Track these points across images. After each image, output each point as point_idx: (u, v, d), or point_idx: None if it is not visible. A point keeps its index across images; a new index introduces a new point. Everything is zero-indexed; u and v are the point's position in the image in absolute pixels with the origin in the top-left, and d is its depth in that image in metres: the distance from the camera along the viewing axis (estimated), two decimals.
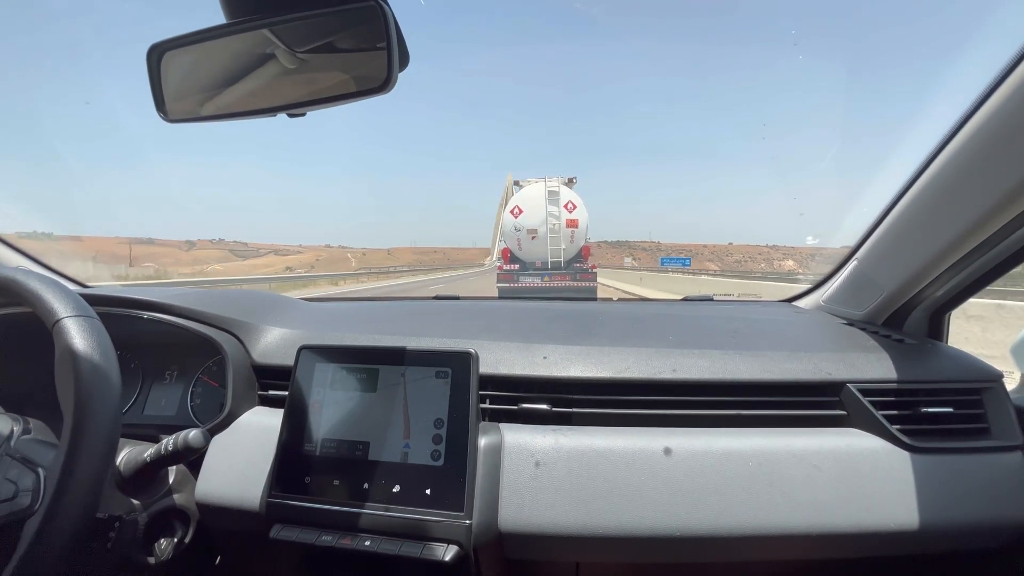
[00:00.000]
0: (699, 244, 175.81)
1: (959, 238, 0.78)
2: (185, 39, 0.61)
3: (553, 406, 0.82)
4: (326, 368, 0.82)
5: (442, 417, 0.76)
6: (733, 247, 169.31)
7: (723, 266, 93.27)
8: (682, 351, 0.87)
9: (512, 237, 11.85)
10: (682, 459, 0.74)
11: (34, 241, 1.56)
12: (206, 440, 0.74)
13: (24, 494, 0.58)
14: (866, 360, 0.85)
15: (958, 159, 0.74)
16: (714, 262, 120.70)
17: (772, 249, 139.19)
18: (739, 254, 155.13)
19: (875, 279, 1.00)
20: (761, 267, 35.94)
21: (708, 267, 26.42)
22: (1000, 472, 0.75)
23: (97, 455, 0.56)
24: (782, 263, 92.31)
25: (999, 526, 0.74)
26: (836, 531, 0.71)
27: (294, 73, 0.62)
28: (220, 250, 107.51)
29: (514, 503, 0.73)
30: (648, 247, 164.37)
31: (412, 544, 0.69)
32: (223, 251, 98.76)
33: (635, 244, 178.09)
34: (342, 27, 0.59)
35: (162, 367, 1.03)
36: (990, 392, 0.82)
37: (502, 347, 0.89)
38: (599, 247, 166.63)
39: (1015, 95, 0.64)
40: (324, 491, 0.75)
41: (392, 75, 0.55)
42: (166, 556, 0.77)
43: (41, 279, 0.65)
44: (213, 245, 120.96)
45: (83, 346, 0.59)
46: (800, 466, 0.74)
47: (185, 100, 0.65)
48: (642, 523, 0.71)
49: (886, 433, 0.77)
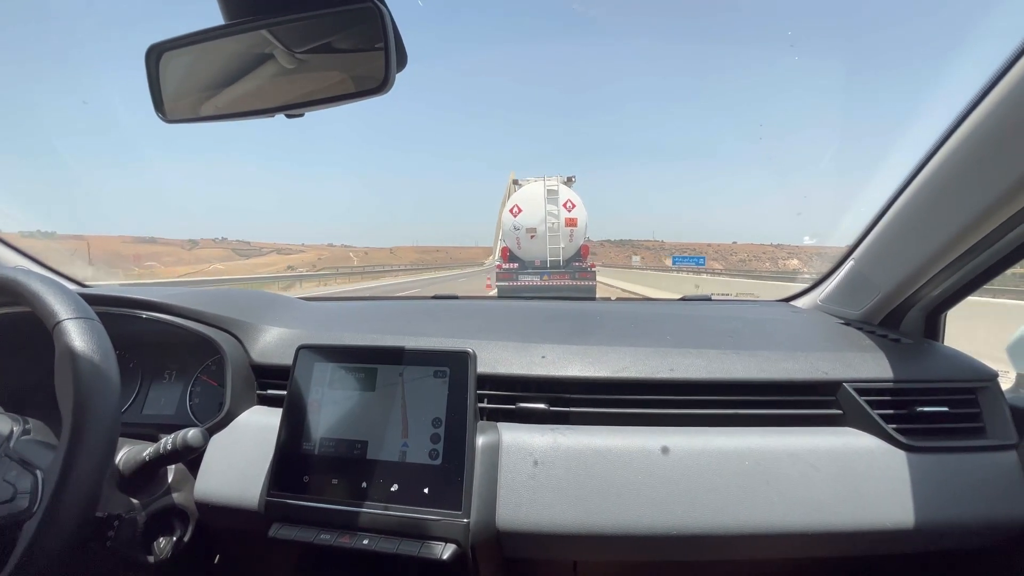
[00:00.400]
0: (703, 243, 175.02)
1: (955, 238, 0.78)
2: (184, 40, 0.62)
3: (550, 405, 0.83)
4: (324, 367, 0.82)
5: (440, 416, 0.76)
6: (737, 246, 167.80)
7: (728, 265, 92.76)
8: (679, 351, 0.87)
9: (511, 236, 11.82)
10: (679, 458, 0.75)
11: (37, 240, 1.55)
12: (205, 439, 0.74)
13: (22, 496, 0.58)
14: (862, 359, 0.85)
15: (954, 159, 0.75)
16: (719, 261, 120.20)
17: (777, 248, 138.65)
18: (744, 253, 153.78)
19: (872, 279, 1.00)
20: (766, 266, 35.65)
21: (713, 266, 26.39)
22: (995, 471, 0.76)
23: (95, 459, 0.56)
24: (787, 262, 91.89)
25: (994, 525, 0.74)
26: (832, 530, 0.71)
27: (292, 73, 0.62)
28: (223, 249, 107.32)
29: (512, 502, 0.73)
30: (652, 246, 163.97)
31: (410, 543, 0.70)
32: (226, 250, 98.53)
33: (639, 243, 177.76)
34: (340, 28, 0.59)
35: (161, 366, 1.03)
36: (985, 391, 0.82)
37: (500, 347, 0.89)
38: (603, 246, 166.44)
39: (1010, 95, 0.64)
40: (323, 490, 0.75)
41: (390, 76, 0.55)
42: (165, 555, 0.77)
43: (42, 279, 0.65)
44: (216, 244, 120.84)
45: (83, 348, 0.59)
46: (796, 465, 0.74)
47: (183, 100, 0.66)
48: (639, 522, 0.71)
49: (882, 432, 0.78)
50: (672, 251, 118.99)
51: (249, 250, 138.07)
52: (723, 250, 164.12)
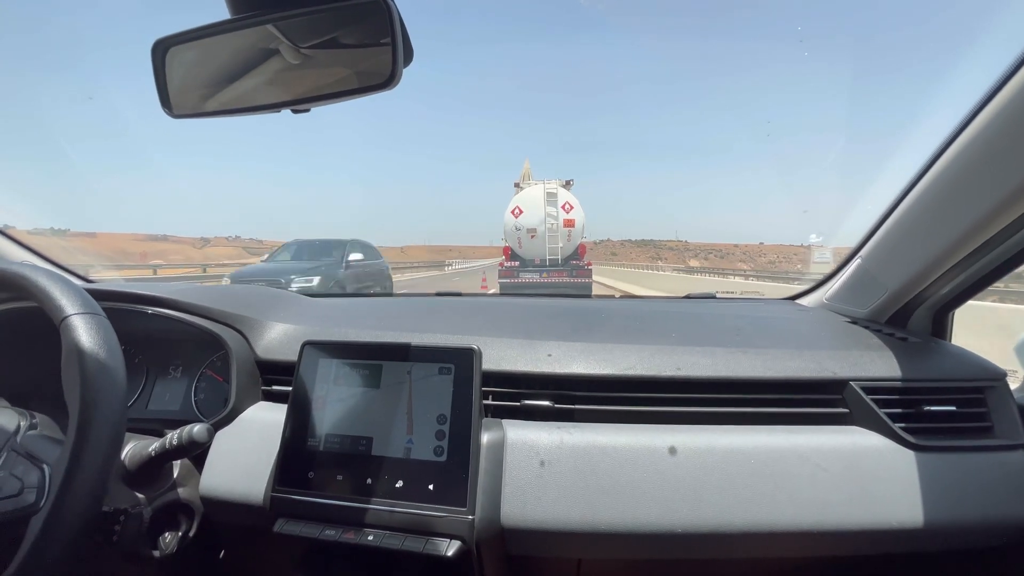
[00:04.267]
0: (730, 244, 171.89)
1: (963, 237, 0.78)
2: (189, 34, 0.61)
3: (556, 403, 0.82)
4: (329, 364, 0.82)
5: (445, 413, 0.76)
6: (765, 247, 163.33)
7: (756, 266, 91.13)
8: (685, 348, 0.87)
9: (513, 236, 12.65)
10: (685, 456, 0.74)
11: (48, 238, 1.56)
12: (210, 435, 0.75)
13: (29, 491, 0.58)
14: (869, 358, 0.85)
15: (963, 157, 0.74)
16: (746, 262, 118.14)
17: (808, 249, 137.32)
18: (773, 254, 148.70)
19: (878, 277, 0.99)
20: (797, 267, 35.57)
21: (739, 267, 26.18)
22: (1003, 471, 0.75)
23: (102, 454, 0.56)
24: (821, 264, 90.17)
25: (1002, 524, 0.73)
26: (838, 528, 0.71)
27: (298, 69, 0.62)
28: (234, 247, 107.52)
29: (517, 499, 0.73)
30: (675, 246, 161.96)
31: (415, 539, 0.70)
32: (237, 248, 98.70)
33: (661, 243, 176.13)
34: (346, 22, 0.59)
35: (167, 362, 1.04)
36: (993, 391, 0.82)
37: (505, 344, 0.89)
38: (623, 246, 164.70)
39: (1020, 95, 0.63)
40: (327, 486, 0.75)
41: (397, 71, 0.55)
42: (170, 549, 0.78)
43: (48, 275, 0.65)
44: (228, 243, 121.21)
45: (90, 344, 0.59)
46: (803, 464, 0.74)
47: (189, 95, 0.66)
48: (645, 520, 0.71)
49: (889, 431, 0.77)
50: (697, 252, 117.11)
51: (261, 248, 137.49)
52: (751, 251, 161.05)
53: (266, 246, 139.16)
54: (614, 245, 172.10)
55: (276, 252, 9.49)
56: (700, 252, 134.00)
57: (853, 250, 1.09)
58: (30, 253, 1.21)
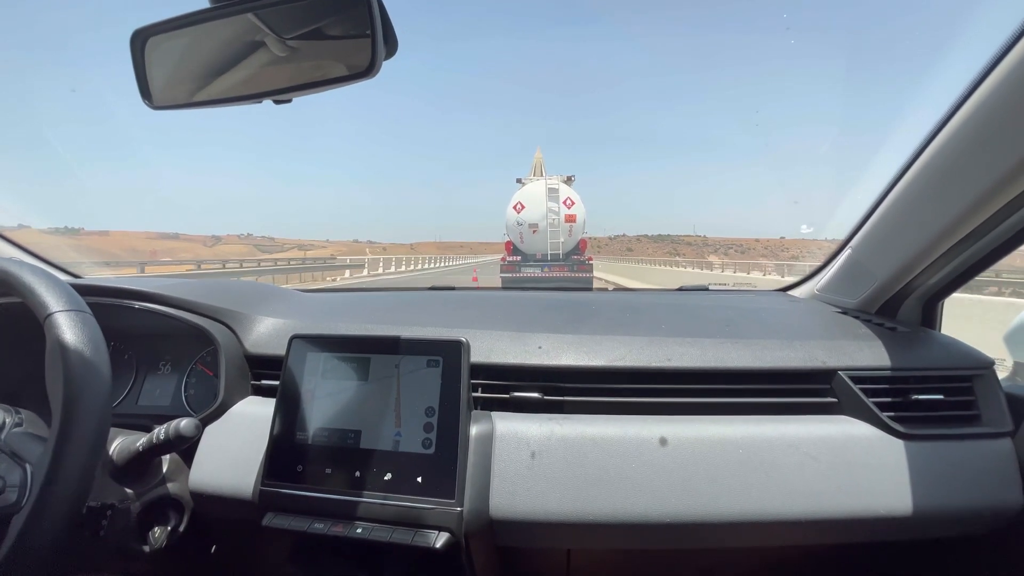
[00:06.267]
0: (750, 239, 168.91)
1: (952, 226, 0.78)
2: (169, 24, 0.61)
3: (545, 395, 0.82)
4: (317, 357, 0.82)
5: (433, 405, 0.76)
6: (787, 241, 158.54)
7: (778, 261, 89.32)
8: (675, 340, 0.87)
9: (515, 231, 12.75)
10: (675, 447, 0.75)
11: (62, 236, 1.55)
12: (197, 429, 0.74)
13: (11, 490, 0.58)
14: (858, 348, 0.85)
15: (951, 146, 0.74)
16: (767, 257, 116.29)
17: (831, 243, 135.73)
18: (795, 249, 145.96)
19: (869, 267, 0.99)
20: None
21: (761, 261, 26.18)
22: (990, 459, 0.76)
23: (84, 453, 0.56)
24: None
25: (989, 512, 0.74)
26: (826, 517, 0.71)
27: (280, 60, 0.61)
28: (245, 245, 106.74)
29: (506, 490, 0.73)
30: (693, 241, 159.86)
31: (404, 531, 0.70)
32: (248, 246, 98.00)
33: (678, 238, 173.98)
34: (328, 13, 0.59)
35: (156, 357, 1.03)
36: (981, 379, 0.82)
37: (495, 336, 0.88)
38: (639, 241, 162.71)
39: (1006, 83, 0.63)
40: (316, 479, 0.75)
41: (376, 60, 0.55)
42: (160, 544, 0.77)
43: (33, 271, 0.64)
44: (240, 240, 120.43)
45: (74, 341, 0.58)
46: (791, 453, 0.74)
47: (169, 87, 0.65)
48: (635, 510, 0.71)
49: (877, 420, 0.77)
50: (716, 247, 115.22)
51: (272, 246, 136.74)
52: (772, 246, 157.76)
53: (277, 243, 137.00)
54: (629, 240, 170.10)
55: None
56: (720, 247, 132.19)
57: (843, 241, 1.09)
58: (18, 249, 1.20)
